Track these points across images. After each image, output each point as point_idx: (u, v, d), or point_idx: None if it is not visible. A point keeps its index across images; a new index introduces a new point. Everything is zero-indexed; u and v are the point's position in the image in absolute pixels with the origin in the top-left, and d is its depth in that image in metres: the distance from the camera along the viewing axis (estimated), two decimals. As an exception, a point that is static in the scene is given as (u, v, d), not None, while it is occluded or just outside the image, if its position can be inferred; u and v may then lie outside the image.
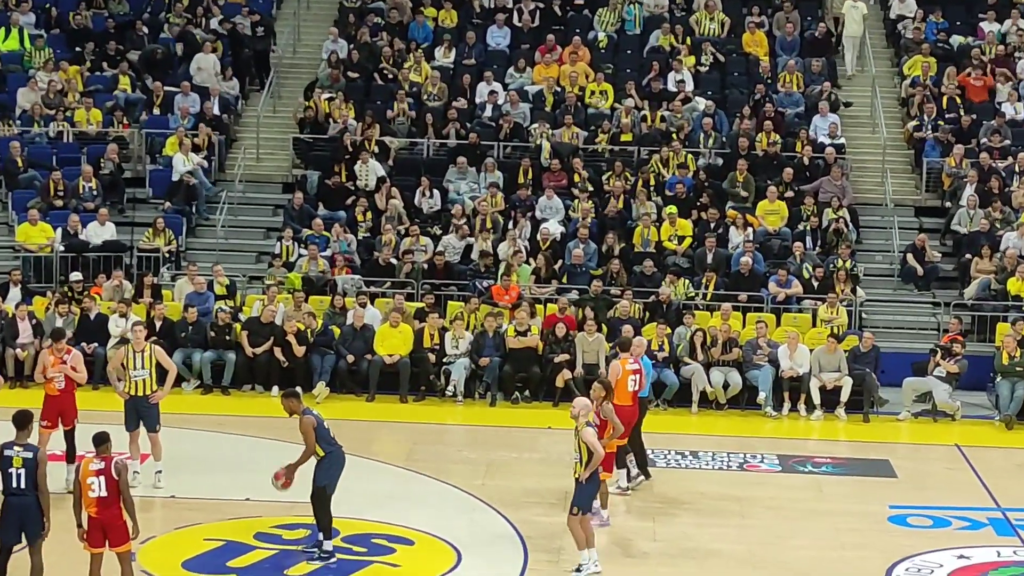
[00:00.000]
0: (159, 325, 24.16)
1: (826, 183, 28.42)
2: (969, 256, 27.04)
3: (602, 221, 27.72)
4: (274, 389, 23.74)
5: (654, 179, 28.59)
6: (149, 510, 16.98)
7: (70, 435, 17.81)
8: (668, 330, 24.16)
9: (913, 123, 30.40)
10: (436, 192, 28.54)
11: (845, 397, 23.63)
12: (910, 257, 27.33)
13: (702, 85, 31.51)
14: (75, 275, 25.80)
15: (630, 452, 18.42)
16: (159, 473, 18.02)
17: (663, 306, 25.34)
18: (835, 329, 24.88)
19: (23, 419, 14.00)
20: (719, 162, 29.33)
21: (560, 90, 30.98)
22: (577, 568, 15.32)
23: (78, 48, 32.21)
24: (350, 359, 24.16)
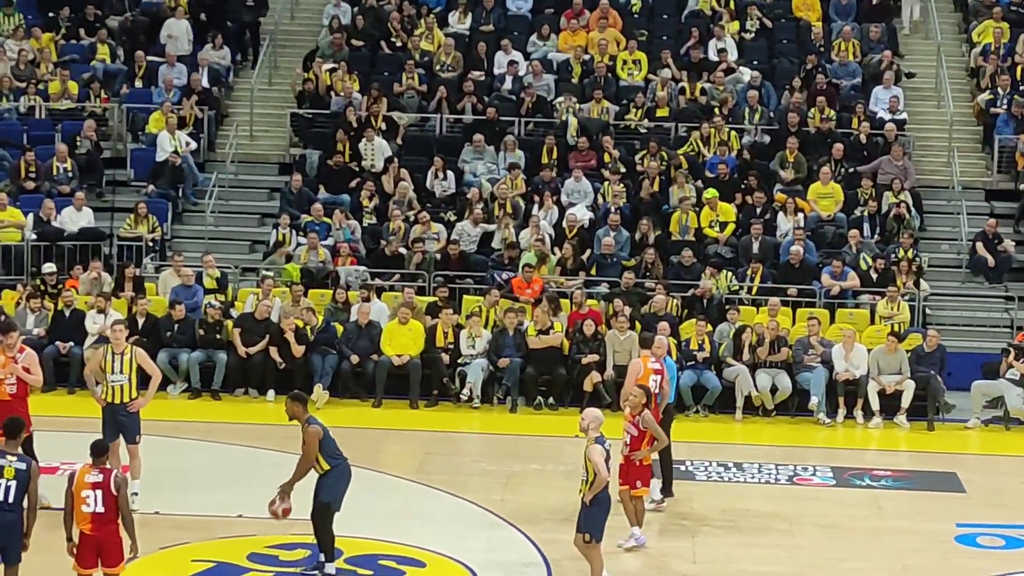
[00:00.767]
0: (142, 322, 24.21)
1: (886, 163, 28.39)
2: (1046, 245, 27.09)
3: (635, 206, 27.72)
4: (270, 393, 23.84)
5: (695, 159, 28.56)
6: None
7: (27, 445, 17.50)
8: (709, 328, 24.18)
9: (984, 96, 30.34)
10: (450, 174, 28.56)
11: (907, 403, 23.62)
12: (980, 246, 27.29)
13: (747, 54, 31.50)
14: (48, 266, 25.84)
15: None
16: (135, 495, 17.26)
17: (703, 301, 25.36)
18: (896, 327, 24.84)
19: (16, 427, 13.98)
20: (766, 140, 29.34)
21: (588, 60, 30.99)
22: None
23: (51, 14, 32.33)
24: (354, 360, 24.20)
